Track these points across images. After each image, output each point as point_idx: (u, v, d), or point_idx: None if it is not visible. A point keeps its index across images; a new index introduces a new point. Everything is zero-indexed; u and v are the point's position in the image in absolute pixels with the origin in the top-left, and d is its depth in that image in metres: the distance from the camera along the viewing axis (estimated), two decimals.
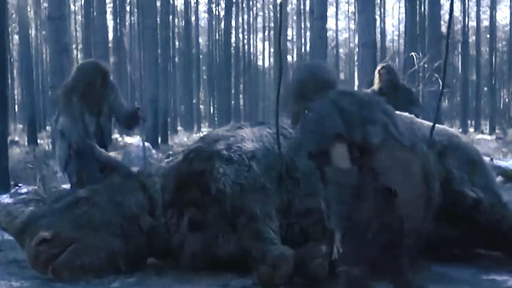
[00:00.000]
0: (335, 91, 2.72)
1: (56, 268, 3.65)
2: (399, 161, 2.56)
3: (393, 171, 2.53)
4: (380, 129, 2.58)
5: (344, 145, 2.51)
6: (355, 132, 2.51)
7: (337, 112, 2.55)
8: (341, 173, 2.50)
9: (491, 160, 8.93)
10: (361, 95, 2.83)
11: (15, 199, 5.18)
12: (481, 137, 22.39)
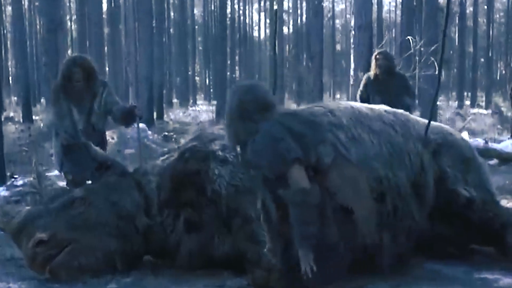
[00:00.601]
0: (281, 112, 2.72)
1: (53, 269, 3.68)
2: (349, 179, 2.64)
3: (345, 188, 2.59)
4: (331, 149, 2.63)
5: (302, 167, 2.51)
6: (310, 154, 2.53)
7: (289, 134, 2.54)
8: (304, 193, 2.49)
9: (486, 143, 8.97)
10: (306, 114, 2.80)
11: (11, 192, 5.23)
12: (477, 111, 22.46)
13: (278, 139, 2.54)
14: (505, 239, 3.95)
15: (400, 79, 6.34)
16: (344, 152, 2.73)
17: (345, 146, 2.79)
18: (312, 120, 2.77)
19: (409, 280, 3.80)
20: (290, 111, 2.87)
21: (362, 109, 4.22)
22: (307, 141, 2.57)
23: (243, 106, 2.70)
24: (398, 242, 3.84)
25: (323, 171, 2.54)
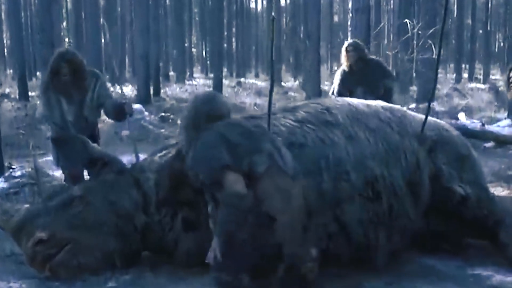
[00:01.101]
0: (224, 122, 2.83)
1: (53, 267, 3.74)
2: (281, 189, 2.73)
3: (276, 198, 2.70)
4: (266, 158, 2.73)
5: (238, 173, 2.68)
6: (241, 162, 2.68)
7: (224, 144, 2.71)
8: (237, 197, 2.68)
9: (482, 126, 8.98)
10: (249, 126, 2.90)
11: (9, 183, 5.26)
12: (475, 86, 22.42)
13: (211, 147, 2.74)
14: (499, 236, 4.01)
15: (376, 65, 6.34)
16: (280, 163, 2.81)
17: (282, 158, 2.82)
18: (252, 131, 2.89)
19: (403, 277, 3.87)
20: (236, 122, 2.97)
21: (359, 106, 4.24)
22: (240, 150, 2.72)
23: (196, 116, 2.86)
24: (393, 241, 3.91)
25: (255, 179, 2.68)
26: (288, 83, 24.91)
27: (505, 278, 3.84)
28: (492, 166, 7.58)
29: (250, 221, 2.75)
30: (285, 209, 2.77)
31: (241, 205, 2.74)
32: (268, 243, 2.84)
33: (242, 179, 2.70)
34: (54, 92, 4.56)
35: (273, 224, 2.73)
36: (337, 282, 3.75)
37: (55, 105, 4.55)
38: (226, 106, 3.08)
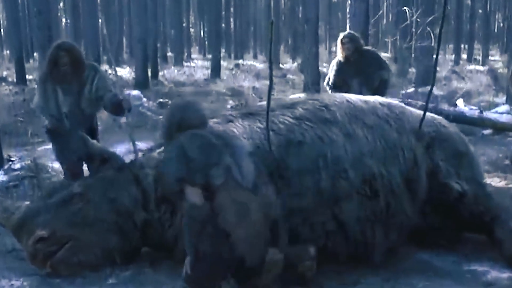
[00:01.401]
0: (187, 134, 2.87)
1: (54, 265, 3.78)
2: (237, 203, 2.76)
3: (230, 211, 2.75)
4: (222, 172, 2.78)
5: (196, 186, 2.76)
6: (197, 176, 2.74)
7: (182, 157, 2.79)
8: (194, 208, 2.75)
9: (480, 113, 8.98)
10: (211, 138, 2.92)
11: (9, 176, 5.28)
12: (473, 68, 22.35)
13: (170, 160, 2.86)
14: (495, 233, 4.05)
15: (371, 56, 6.34)
16: (237, 177, 2.84)
17: (241, 170, 2.90)
18: (212, 144, 2.92)
19: (400, 273, 3.91)
20: (199, 134, 3.00)
21: (357, 103, 4.25)
22: (195, 164, 2.78)
23: (169, 125, 2.95)
24: (390, 238, 3.96)
25: (212, 192, 2.74)
26: (287, 65, 24.83)
27: (500, 274, 3.89)
28: (490, 154, 7.61)
29: (209, 233, 2.80)
30: (241, 223, 2.79)
31: (197, 216, 2.80)
32: (227, 256, 2.85)
33: (199, 191, 2.76)
34: (52, 83, 4.60)
35: (229, 237, 2.78)
36: (335, 279, 3.80)
37: (51, 96, 4.59)
38: (199, 115, 3.11)
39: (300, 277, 3.63)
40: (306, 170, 3.82)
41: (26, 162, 5.56)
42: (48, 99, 4.60)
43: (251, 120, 4.13)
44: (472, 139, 8.75)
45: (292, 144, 3.90)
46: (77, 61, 4.65)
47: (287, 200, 3.79)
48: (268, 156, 3.83)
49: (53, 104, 4.60)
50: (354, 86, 6.06)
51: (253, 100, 12.20)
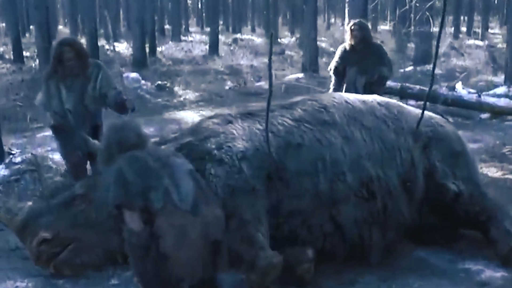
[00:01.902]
0: (126, 156, 2.85)
1: (57, 266, 3.85)
2: (176, 226, 2.77)
3: (169, 235, 2.76)
4: (161, 195, 2.77)
5: (133, 210, 2.74)
6: (136, 200, 2.74)
7: (120, 181, 2.77)
8: (132, 234, 2.76)
9: (478, 97, 9.02)
10: (149, 161, 2.91)
11: (10, 170, 5.33)
12: (473, 43, 22.27)
13: (108, 184, 2.83)
14: (490, 233, 4.11)
15: (377, 49, 6.33)
16: (176, 200, 2.85)
17: (180, 192, 2.90)
18: (150, 167, 2.89)
19: (396, 272, 4.00)
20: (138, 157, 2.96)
21: (356, 103, 4.28)
22: (134, 188, 2.76)
23: (108, 146, 2.93)
24: (387, 238, 4.03)
25: (153, 215, 2.74)
26: (285, 39, 24.67)
27: (494, 274, 3.97)
28: (487, 141, 7.68)
29: (152, 257, 2.81)
30: (180, 246, 2.80)
31: (137, 242, 2.82)
32: (169, 278, 2.87)
33: (138, 216, 2.75)
34: (55, 81, 4.64)
35: (169, 260, 2.79)
36: (332, 279, 3.89)
37: (54, 93, 4.64)
38: (136, 135, 3.07)
39: (299, 279, 3.73)
40: (305, 173, 3.87)
41: (27, 155, 5.60)
42: (51, 97, 4.66)
43: (250, 121, 4.15)
44: (470, 123, 8.88)
45: (291, 146, 3.94)
46: (81, 55, 4.71)
47: (286, 201, 3.86)
48: (267, 158, 3.88)
49: (56, 101, 4.65)
50: (351, 73, 6.08)
51: (251, 81, 12.18)
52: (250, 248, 3.64)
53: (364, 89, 5.89)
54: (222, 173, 3.85)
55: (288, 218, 3.86)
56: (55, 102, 4.71)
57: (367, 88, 5.89)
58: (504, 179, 5.97)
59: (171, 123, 8.53)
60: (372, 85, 5.93)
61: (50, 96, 4.72)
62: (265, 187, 3.86)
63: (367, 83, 5.94)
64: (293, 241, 3.85)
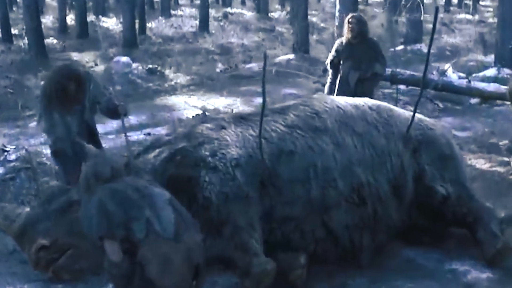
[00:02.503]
0: (105, 188, 2.93)
1: (56, 271, 3.90)
2: (160, 254, 2.85)
3: (154, 262, 2.84)
4: (143, 225, 2.84)
5: (113, 242, 2.83)
6: (118, 231, 2.82)
7: (101, 212, 2.87)
8: (112, 264, 2.86)
9: (468, 82, 9.10)
10: (129, 192, 2.98)
11: (5, 168, 5.38)
12: (464, 17, 22.25)
13: (89, 216, 2.96)
14: (477, 234, 4.24)
15: (373, 45, 6.33)
16: (158, 229, 2.92)
17: (161, 221, 2.97)
18: (131, 198, 2.96)
19: (386, 274, 4.12)
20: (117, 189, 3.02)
21: (347, 108, 4.35)
22: (115, 219, 2.84)
23: (87, 181, 3.01)
24: (377, 241, 4.15)
25: (136, 245, 2.82)
26: (275, 13, 24.49)
27: (480, 275, 4.11)
28: (476, 129, 7.78)
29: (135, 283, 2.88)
30: (164, 272, 2.88)
31: (117, 273, 2.92)
32: None
33: (117, 247, 2.84)
34: (56, 108, 4.59)
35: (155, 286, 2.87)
36: (324, 282, 4.01)
37: (59, 120, 4.59)
38: (110, 168, 3.11)
39: (291, 284, 3.85)
40: (297, 180, 3.96)
41: (21, 152, 5.64)
42: (55, 124, 4.61)
43: (244, 126, 4.21)
44: (460, 109, 8.99)
45: (284, 153, 4.02)
46: (81, 83, 4.68)
47: (279, 207, 3.96)
48: (260, 165, 3.96)
49: (61, 128, 4.61)
50: (344, 68, 6.12)
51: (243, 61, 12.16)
52: (244, 255, 3.75)
53: (356, 85, 5.94)
54: (216, 180, 3.93)
55: (281, 224, 3.96)
56: (60, 129, 4.67)
57: (359, 85, 5.93)
58: (492, 172, 6.08)
59: (163, 110, 8.56)
60: (365, 81, 5.97)
61: (54, 124, 4.67)
62: (258, 193, 3.94)
63: (360, 79, 5.98)
64: (286, 246, 3.96)
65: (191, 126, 4.43)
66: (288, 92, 9.54)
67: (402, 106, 8.52)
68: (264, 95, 3.79)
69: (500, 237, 4.17)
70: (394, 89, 9.04)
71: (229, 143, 4.07)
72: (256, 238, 3.84)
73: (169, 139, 4.40)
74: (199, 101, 9.10)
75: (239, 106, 8.83)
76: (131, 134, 6.41)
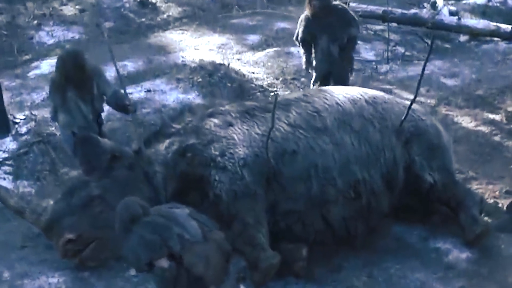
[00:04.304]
0: (140, 224, 3.50)
1: (82, 260, 4.40)
2: (199, 255, 3.49)
3: (197, 263, 3.49)
4: (177, 240, 3.48)
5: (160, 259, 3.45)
6: (161, 252, 3.44)
7: (142, 244, 3.46)
8: (164, 270, 3.46)
9: (458, 20, 9.18)
10: (158, 220, 3.57)
11: (18, 143, 5.67)
12: None
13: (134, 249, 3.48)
14: (459, 217, 4.71)
15: (341, 12, 6.18)
16: (188, 238, 3.49)
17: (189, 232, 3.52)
18: (161, 224, 3.53)
19: (377, 256, 4.61)
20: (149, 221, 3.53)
21: (346, 104, 4.65)
22: (155, 244, 3.46)
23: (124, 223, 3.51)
24: (370, 227, 4.61)
25: (177, 256, 3.46)
26: None
27: (460, 254, 4.64)
28: (464, 75, 8.00)
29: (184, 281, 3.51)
30: (208, 267, 3.52)
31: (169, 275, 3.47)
32: None
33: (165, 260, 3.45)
34: (72, 98, 4.75)
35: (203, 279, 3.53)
36: (321, 265, 4.50)
37: (75, 109, 4.78)
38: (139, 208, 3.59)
39: (294, 274, 4.35)
40: (299, 178, 4.35)
41: (32, 124, 5.87)
42: (74, 115, 4.80)
43: (249, 123, 4.51)
44: (449, 47, 9.17)
45: (287, 153, 4.37)
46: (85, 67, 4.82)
47: (283, 202, 4.38)
48: (266, 163, 4.32)
49: (79, 116, 4.81)
50: (322, 42, 6.07)
51: None
52: (252, 250, 4.20)
53: (339, 55, 6.01)
54: (225, 179, 4.30)
55: (284, 217, 4.40)
56: (78, 118, 4.88)
57: (340, 53, 5.99)
58: (476, 132, 6.41)
59: (159, 53, 8.62)
60: (345, 49, 6.08)
61: (72, 116, 4.87)
62: (264, 190, 4.34)
63: (340, 48, 6.02)
64: (288, 236, 4.42)
65: (199, 119, 4.66)
66: (281, 26, 9.54)
67: (392, 48, 8.74)
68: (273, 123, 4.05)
69: (480, 221, 4.64)
70: (385, 26, 9.11)
71: (237, 142, 4.39)
72: (263, 233, 4.28)
73: (178, 130, 4.68)
74: (193, 39, 9.15)
75: (233, 46, 8.92)
76: (131, 90, 6.52)
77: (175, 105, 6.85)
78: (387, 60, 8.35)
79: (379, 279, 4.42)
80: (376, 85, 7.59)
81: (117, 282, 4.35)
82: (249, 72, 7.71)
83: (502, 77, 7.97)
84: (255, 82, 7.49)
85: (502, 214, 4.99)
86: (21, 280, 4.33)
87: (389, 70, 8.19)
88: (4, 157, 5.57)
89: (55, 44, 9.02)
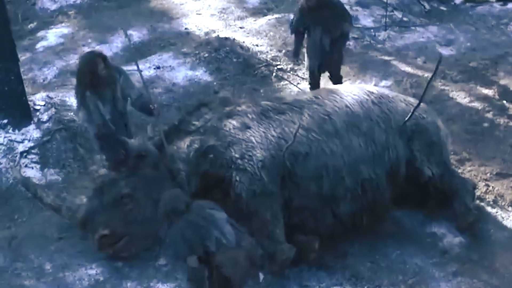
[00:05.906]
0: (183, 220, 4.07)
1: (116, 252, 4.89)
2: (230, 258, 4.04)
3: (227, 264, 4.04)
4: (214, 242, 4.02)
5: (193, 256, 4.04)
6: (196, 250, 4.03)
7: (182, 241, 4.03)
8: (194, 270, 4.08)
9: None
10: (199, 221, 4.10)
11: (41, 131, 6.00)
12: None
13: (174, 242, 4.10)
14: (453, 205, 5.21)
15: (335, 6, 6.39)
16: (224, 241, 4.06)
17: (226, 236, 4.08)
18: (202, 226, 4.08)
19: (379, 241, 5.12)
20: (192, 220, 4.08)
21: (354, 107, 5.04)
22: (194, 243, 4.03)
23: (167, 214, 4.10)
24: (374, 217, 5.11)
25: (211, 255, 4.02)
26: None
27: (454, 239, 5.17)
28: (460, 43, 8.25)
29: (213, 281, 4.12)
30: (236, 270, 4.06)
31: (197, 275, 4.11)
32: None
33: (196, 259, 4.02)
34: (91, 97, 5.02)
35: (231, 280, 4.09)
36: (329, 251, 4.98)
37: (94, 109, 5.03)
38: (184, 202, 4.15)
39: (306, 263, 4.87)
40: (311, 178, 4.80)
41: (52, 110, 6.12)
42: (92, 113, 5.06)
43: (265, 124, 4.90)
44: (445, 11, 9.36)
45: (301, 155, 4.79)
46: (108, 63, 5.09)
47: (296, 199, 4.85)
48: (281, 165, 4.75)
49: (97, 115, 5.06)
50: (316, 35, 6.32)
51: None
52: (270, 243, 4.70)
53: (330, 46, 6.28)
54: (245, 180, 4.74)
55: (298, 212, 4.87)
56: (96, 116, 5.12)
57: (331, 46, 6.28)
58: (470, 109, 6.75)
59: (161, 20, 8.77)
60: (337, 42, 6.32)
61: (90, 112, 5.12)
62: (279, 188, 4.79)
63: (332, 41, 6.28)
64: (301, 228, 4.91)
65: (216, 119, 5.00)
66: None
67: (390, 13, 8.91)
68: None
69: (472, 210, 5.15)
70: None
71: (255, 145, 4.79)
72: (280, 228, 4.77)
73: (198, 128, 5.06)
74: (194, 3, 9.25)
75: (234, 10, 9.07)
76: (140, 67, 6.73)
77: (184, 83, 7.17)
78: (385, 27, 8.56)
79: (381, 265, 4.97)
80: (375, 56, 7.92)
81: (149, 271, 4.83)
82: (252, 44, 7.92)
83: (495, 45, 8.27)
84: (259, 56, 7.73)
85: None
86: (63, 272, 4.79)
87: (387, 38, 8.42)
88: (30, 146, 5.88)
89: (58, 9, 9.12)
